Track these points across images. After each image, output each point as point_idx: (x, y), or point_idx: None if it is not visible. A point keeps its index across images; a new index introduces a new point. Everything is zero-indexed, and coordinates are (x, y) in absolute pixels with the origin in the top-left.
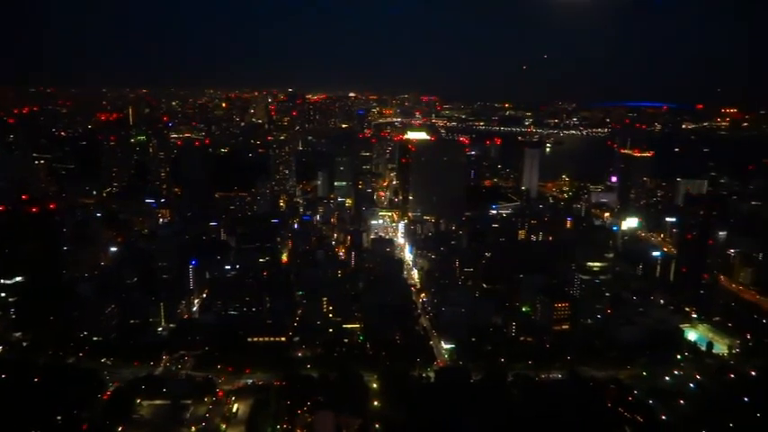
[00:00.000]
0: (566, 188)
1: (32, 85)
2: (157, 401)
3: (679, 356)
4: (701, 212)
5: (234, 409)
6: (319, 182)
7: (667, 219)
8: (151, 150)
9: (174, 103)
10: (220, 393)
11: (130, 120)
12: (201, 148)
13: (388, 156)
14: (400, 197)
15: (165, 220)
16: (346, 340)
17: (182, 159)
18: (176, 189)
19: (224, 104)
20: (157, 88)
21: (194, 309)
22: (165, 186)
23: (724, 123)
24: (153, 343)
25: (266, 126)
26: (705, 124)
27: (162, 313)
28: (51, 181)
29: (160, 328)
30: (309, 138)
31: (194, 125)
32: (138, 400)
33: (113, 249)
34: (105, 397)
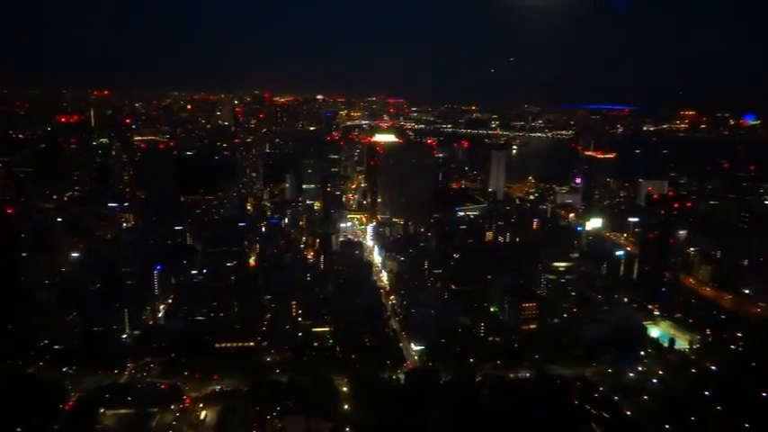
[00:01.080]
0: (531, 189)
1: None
2: (122, 411)
3: (642, 353)
4: (662, 212)
5: (202, 417)
6: (287, 185)
7: (630, 219)
8: (114, 153)
9: (137, 105)
10: (187, 401)
11: (92, 121)
12: (166, 150)
13: (356, 158)
14: (369, 200)
15: (129, 225)
16: (316, 344)
17: (146, 162)
18: (140, 193)
19: (189, 106)
20: (120, 89)
21: (160, 315)
22: (128, 190)
23: (683, 125)
24: (117, 350)
25: (233, 128)
26: (665, 126)
27: (126, 320)
28: (9, 185)
29: (124, 336)
30: (277, 140)
31: (159, 127)
32: (103, 410)
33: (75, 255)
34: (68, 407)
